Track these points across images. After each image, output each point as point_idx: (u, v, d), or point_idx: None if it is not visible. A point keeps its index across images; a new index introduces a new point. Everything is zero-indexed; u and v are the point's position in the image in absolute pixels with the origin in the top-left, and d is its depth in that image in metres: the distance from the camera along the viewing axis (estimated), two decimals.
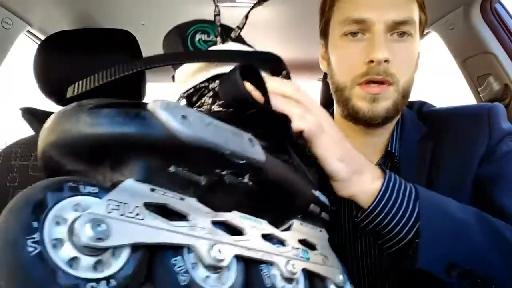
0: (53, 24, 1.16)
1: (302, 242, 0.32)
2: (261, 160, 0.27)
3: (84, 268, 0.18)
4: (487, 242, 0.41)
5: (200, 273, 0.23)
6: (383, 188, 0.41)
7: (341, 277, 0.34)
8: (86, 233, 0.18)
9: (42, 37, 1.17)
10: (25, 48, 1.14)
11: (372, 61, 0.52)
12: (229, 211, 0.27)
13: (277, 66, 0.39)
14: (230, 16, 1.29)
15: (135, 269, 0.20)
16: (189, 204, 0.23)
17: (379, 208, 0.40)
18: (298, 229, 0.32)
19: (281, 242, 0.29)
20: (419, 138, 0.59)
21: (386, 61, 0.52)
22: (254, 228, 0.27)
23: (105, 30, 0.84)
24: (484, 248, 0.41)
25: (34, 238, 0.17)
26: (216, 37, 0.40)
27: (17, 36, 1.06)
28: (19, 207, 0.19)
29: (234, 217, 0.26)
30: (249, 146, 0.26)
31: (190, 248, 0.23)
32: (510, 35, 0.99)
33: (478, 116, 0.58)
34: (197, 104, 0.37)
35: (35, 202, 0.19)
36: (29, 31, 1.13)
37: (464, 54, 1.07)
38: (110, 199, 0.20)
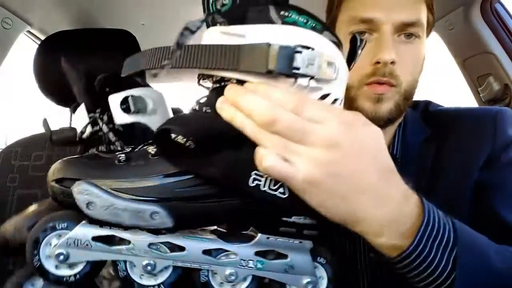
0: (53, 24, 1.16)
1: (261, 252, 0.35)
2: (167, 227, 0.32)
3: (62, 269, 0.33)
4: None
5: (136, 272, 0.34)
6: (413, 244, 0.33)
7: (305, 281, 0.35)
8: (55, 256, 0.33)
9: (42, 37, 1.17)
10: (25, 48, 1.14)
11: (378, 62, 0.52)
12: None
13: (262, 64, 0.30)
14: None
15: (88, 273, 0.34)
16: (132, 232, 0.33)
17: (404, 263, 0.34)
18: (261, 243, 0.35)
19: (229, 254, 0.35)
20: (422, 140, 0.58)
21: (392, 62, 0.52)
22: (194, 245, 0.34)
23: (105, 30, 0.84)
24: None
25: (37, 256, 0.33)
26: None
27: (17, 36, 1.06)
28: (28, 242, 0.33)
29: (177, 238, 0.34)
30: (150, 220, 0.32)
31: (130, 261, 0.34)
32: (510, 35, 0.99)
33: (484, 120, 0.57)
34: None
35: (34, 239, 0.33)
36: (29, 31, 1.13)
37: (464, 54, 1.07)
38: (69, 237, 0.32)
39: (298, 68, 0.28)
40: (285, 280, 0.35)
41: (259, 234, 0.35)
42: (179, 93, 2.58)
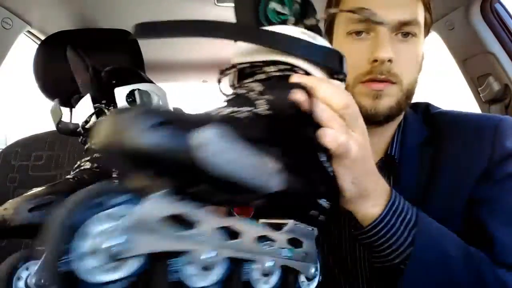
0: (53, 24, 1.16)
1: (291, 240, 0.33)
2: (279, 189, 0.29)
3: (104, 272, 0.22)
4: (467, 282, 0.44)
5: (190, 271, 0.26)
6: (383, 214, 0.42)
7: (313, 270, 0.35)
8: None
9: (42, 37, 1.17)
10: (25, 48, 1.14)
11: (376, 60, 0.52)
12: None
13: (337, 66, 0.38)
14: (230, 16, 1.28)
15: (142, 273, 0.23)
16: (199, 213, 0.26)
17: (374, 231, 0.43)
18: (291, 230, 0.33)
19: (271, 242, 0.32)
20: (420, 142, 0.58)
21: (389, 60, 0.52)
22: (248, 230, 0.29)
23: (105, 30, 0.84)
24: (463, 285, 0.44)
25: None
26: (291, 13, 0.37)
27: (17, 36, 1.06)
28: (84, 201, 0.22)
29: (235, 223, 0.28)
30: (268, 176, 0.28)
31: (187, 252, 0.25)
32: (510, 35, 0.99)
33: (484, 129, 0.55)
34: (245, 84, 0.36)
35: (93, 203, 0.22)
36: (29, 31, 1.13)
37: (464, 54, 1.07)
38: (131, 217, 0.22)
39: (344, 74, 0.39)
40: (302, 269, 0.34)
41: (291, 221, 0.33)
42: (179, 93, 2.56)
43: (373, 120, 0.54)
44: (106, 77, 0.55)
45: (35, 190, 0.38)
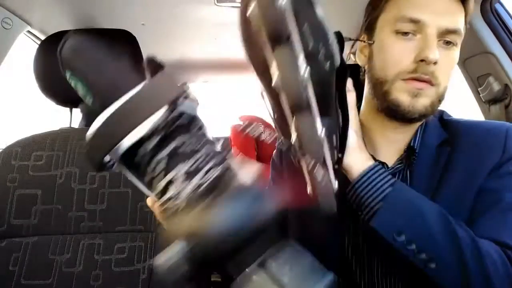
0: (53, 24, 1.16)
1: None
2: None
3: None
4: (440, 232, 0.48)
5: None
6: (373, 167, 0.53)
7: None
8: None
9: (42, 37, 1.17)
10: (25, 48, 1.14)
11: (422, 60, 0.54)
12: None
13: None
14: (230, 16, 1.29)
15: None
16: None
17: (363, 179, 0.52)
18: None
19: None
20: (439, 143, 0.61)
21: (435, 63, 0.54)
22: None
23: (105, 30, 0.84)
24: (435, 235, 0.48)
25: None
26: None
27: (17, 36, 1.06)
28: None
29: None
30: None
31: None
32: (510, 35, 0.99)
33: (496, 133, 0.59)
34: None
35: None
36: (29, 31, 1.13)
37: (464, 54, 1.07)
38: None
39: None
40: None
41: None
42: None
43: (408, 117, 0.57)
44: None
45: None
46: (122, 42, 0.82)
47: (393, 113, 0.59)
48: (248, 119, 1.71)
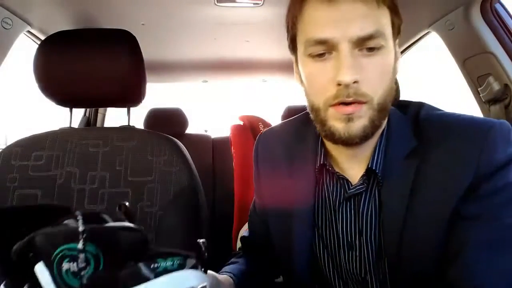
0: (53, 24, 1.16)
1: None
2: None
3: None
4: None
5: None
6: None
7: None
8: None
9: (42, 37, 1.17)
10: (25, 48, 1.14)
11: (340, 84, 0.49)
12: None
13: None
14: (230, 16, 1.29)
15: None
16: None
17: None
18: None
19: None
20: (406, 154, 0.55)
21: (355, 82, 0.49)
22: None
23: (105, 30, 0.84)
24: None
25: None
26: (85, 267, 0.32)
27: (17, 36, 1.06)
28: None
29: None
30: None
31: None
32: (510, 35, 0.98)
33: (473, 137, 0.51)
34: None
35: None
36: (29, 31, 1.13)
37: (464, 54, 1.07)
38: None
39: None
40: None
41: None
42: (179, 94, 2.56)
43: (348, 143, 0.53)
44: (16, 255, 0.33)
45: None
46: (122, 42, 0.82)
47: (333, 140, 0.54)
48: (248, 119, 1.71)
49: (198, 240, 0.38)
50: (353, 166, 0.59)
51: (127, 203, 0.42)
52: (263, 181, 0.71)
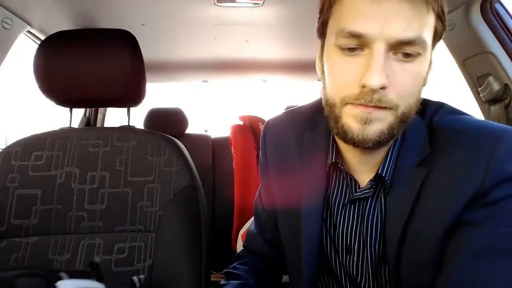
0: (53, 24, 1.16)
1: None
2: None
3: None
4: None
5: None
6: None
7: None
8: None
9: (42, 37, 1.17)
10: (25, 48, 1.14)
11: (365, 86, 0.45)
12: None
13: None
14: (230, 16, 1.29)
15: None
16: None
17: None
18: None
19: None
20: (419, 163, 0.52)
21: (382, 88, 0.45)
22: None
23: (105, 30, 0.84)
24: None
25: None
26: None
27: (17, 36, 1.06)
28: None
29: None
30: None
31: None
32: (510, 35, 0.98)
33: (481, 148, 0.48)
34: None
35: None
36: (29, 31, 1.13)
37: (464, 54, 1.07)
38: None
39: None
40: None
41: None
42: (180, 94, 2.56)
43: (360, 146, 0.49)
44: None
45: None
46: (122, 42, 0.82)
47: (345, 140, 0.51)
48: (248, 119, 1.71)
49: (133, 278, 0.40)
50: (362, 170, 0.57)
51: (98, 260, 0.43)
52: (272, 173, 0.67)
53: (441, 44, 1.14)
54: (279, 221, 0.67)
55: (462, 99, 1.20)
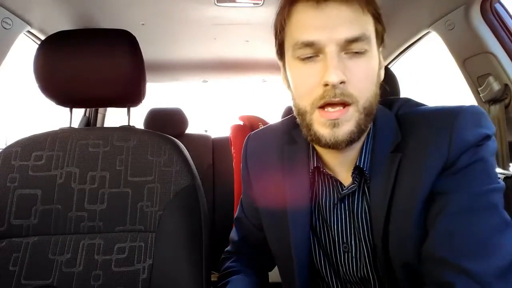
0: (53, 24, 1.16)
1: None
2: None
3: None
4: None
5: None
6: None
7: None
8: None
9: (42, 37, 1.17)
10: (25, 48, 1.14)
11: (327, 84, 0.50)
12: None
13: None
14: (230, 16, 1.29)
15: None
16: None
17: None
18: None
19: None
20: (392, 149, 0.56)
21: (342, 82, 0.50)
22: None
23: (105, 30, 0.84)
24: None
25: None
26: None
27: (17, 36, 1.06)
28: None
29: None
30: None
31: None
32: (510, 35, 0.99)
33: (442, 124, 0.53)
34: None
35: None
36: (29, 31, 1.13)
37: (464, 54, 1.07)
38: None
39: None
40: None
41: None
42: (180, 94, 2.56)
43: (335, 148, 0.53)
44: None
45: None
46: (122, 42, 0.82)
47: (319, 145, 0.55)
48: (248, 119, 1.71)
49: None
50: (343, 169, 0.60)
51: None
52: (255, 183, 0.71)
53: (441, 44, 1.14)
54: (266, 230, 0.69)
55: (462, 99, 1.20)
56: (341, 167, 0.60)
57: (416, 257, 0.52)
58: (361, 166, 0.57)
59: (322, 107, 0.52)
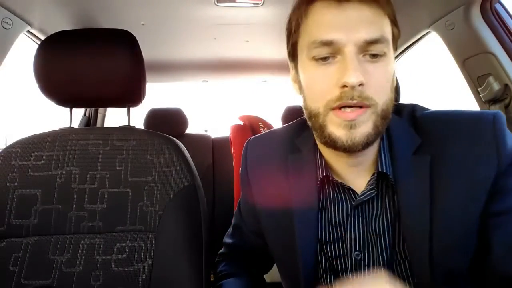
0: (53, 24, 1.16)
1: None
2: None
3: None
4: None
5: None
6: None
7: None
8: None
9: (42, 37, 1.17)
10: (25, 48, 1.14)
11: (345, 86, 0.49)
12: None
13: None
14: (230, 16, 1.29)
15: None
16: None
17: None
18: None
19: None
20: (414, 151, 0.55)
21: (360, 84, 0.48)
22: None
23: (105, 30, 0.84)
24: None
25: None
26: None
27: (17, 36, 1.06)
28: None
29: None
30: None
31: None
32: (510, 35, 0.99)
33: (482, 130, 0.52)
34: None
35: None
36: (29, 31, 1.13)
37: (464, 54, 1.07)
38: None
39: None
40: None
41: None
42: (179, 93, 2.56)
43: (351, 151, 0.52)
44: None
45: None
46: (122, 42, 0.82)
47: (334, 147, 0.53)
48: (248, 119, 1.71)
49: None
50: (356, 175, 0.58)
51: None
52: (256, 193, 0.68)
53: (441, 44, 1.14)
54: (269, 240, 0.67)
55: (462, 99, 1.20)
56: (353, 174, 0.58)
57: (465, 263, 0.52)
58: (384, 170, 0.55)
59: (336, 108, 0.50)
